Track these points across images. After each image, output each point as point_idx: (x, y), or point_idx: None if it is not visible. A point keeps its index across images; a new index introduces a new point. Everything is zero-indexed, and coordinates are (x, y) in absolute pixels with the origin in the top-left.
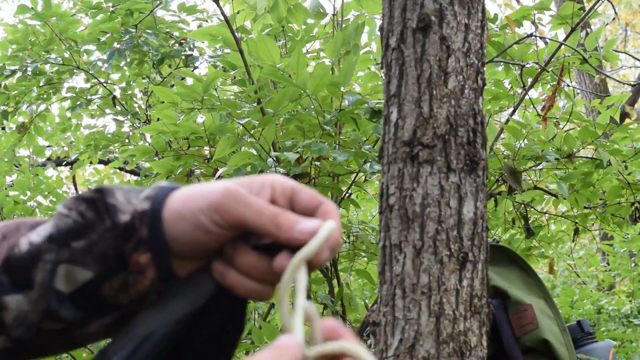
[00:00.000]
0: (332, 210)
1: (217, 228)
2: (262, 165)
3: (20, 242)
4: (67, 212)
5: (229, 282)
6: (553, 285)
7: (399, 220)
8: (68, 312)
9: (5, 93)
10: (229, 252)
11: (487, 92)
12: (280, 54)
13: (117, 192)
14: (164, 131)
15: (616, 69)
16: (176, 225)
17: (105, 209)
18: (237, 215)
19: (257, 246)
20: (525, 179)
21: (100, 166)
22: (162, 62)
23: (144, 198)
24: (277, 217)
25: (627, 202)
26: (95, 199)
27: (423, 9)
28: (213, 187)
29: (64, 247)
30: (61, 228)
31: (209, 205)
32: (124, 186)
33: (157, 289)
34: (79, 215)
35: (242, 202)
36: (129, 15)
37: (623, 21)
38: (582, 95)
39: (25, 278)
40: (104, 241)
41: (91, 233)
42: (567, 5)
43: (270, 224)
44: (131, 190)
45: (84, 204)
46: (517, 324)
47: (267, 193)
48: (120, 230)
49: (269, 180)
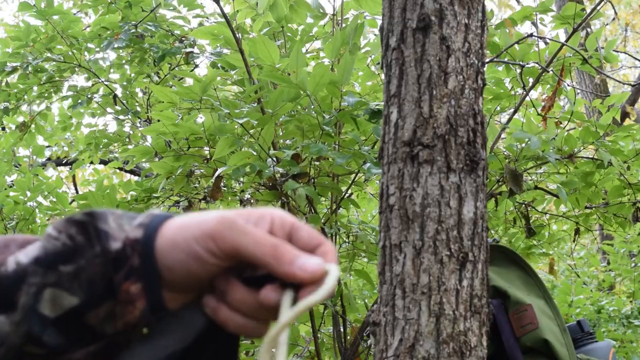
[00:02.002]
0: (331, 252)
1: (212, 257)
2: (261, 165)
3: (8, 260)
4: (56, 234)
5: (220, 318)
6: (553, 286)
7: (399, 220)
8: (51, 337)
9: (6, 90)
10: (221, 286)
11: (487, 91)
12: (279, 54)
13: (109, 217)
14: (163, 132)
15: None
16: (169, 254)
17: (96, 234)
18: (234, 244)
19: (247, 279)
20: (525, 179)
21: (100, 166)
22: (163, 59)
23: (137, 225)
24: (277, 249)
25: (629, 202)
26: (86, 222)
27: (423, 9)
28: (209, 216)
29: (50, 270)
30: (49, 251)
31: (204, 233)
32: (116, 211)
33: (146, 320)
34: (68, 239)
35: (240, 231)
36: (128, 8)
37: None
38: (582, 96)
39: (9, 299)
40: (92, 267)
41: (79, 258)
42: (570, 6)
43: (269, 255)
44: (124, 216)
45: (75, 227)
46: (517, 324)
47: (265, 225)
48: (111, 257)
49: (268, 213)
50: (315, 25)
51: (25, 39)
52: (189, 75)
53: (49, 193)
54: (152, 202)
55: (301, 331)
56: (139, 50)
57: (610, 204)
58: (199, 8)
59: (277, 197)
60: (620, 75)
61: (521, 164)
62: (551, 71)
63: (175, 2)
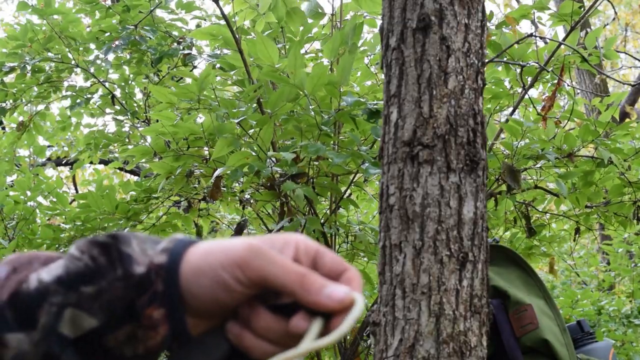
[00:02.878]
0: (356, 279)
1: (238, 285)
2: (260, 166)
3: (30, 278)
4: (79, 254)
5: (245, 345)
6: (553, 286)
7: (399, 220)
8: (70, 358)
9: (4, 90)
10: (245, 313)
11: (487, 91)
12: (279, 54)
13: (133, 241)
14: (163, 132)
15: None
16: (194, 281)
17: (119, 256)
18: (262, 273)
19: (274, 306)
20: (525, 178)
21: (101, 166)
22: (161, 61)
23: (161, 250)
24: (304, 278)
25: (629, 200)
26: (109, 244)
27: (423, 9)
28: (235, 243)
29: (72, 290)
30: (71, 271)
31: (231, 261)
32: (140, 235)
33: (168, 346)
34: (90, 260)
35: (267, 259)
36: (126, 12)
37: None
38: (582, 95)
39: (30, 317)
40: (113, 290)
41: (101, 279)
42: (567, 4)
43: (297, 284)
44: (147, 240)
45: (97, 248)
46: (517, 324)
47: (290, 252)
48: (135, 281)
49: (293, 239)
50: (315, 25)
51: (22, 38)
52: (187, 74)
53: (49, 193)
54: (152, 202)
55: None
56: (137, 51)
57: (611, 203)
58: (196, 10)
59: (276, 197)
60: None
61: (520, 163)
62: (551, 70)
63: (173, 4)
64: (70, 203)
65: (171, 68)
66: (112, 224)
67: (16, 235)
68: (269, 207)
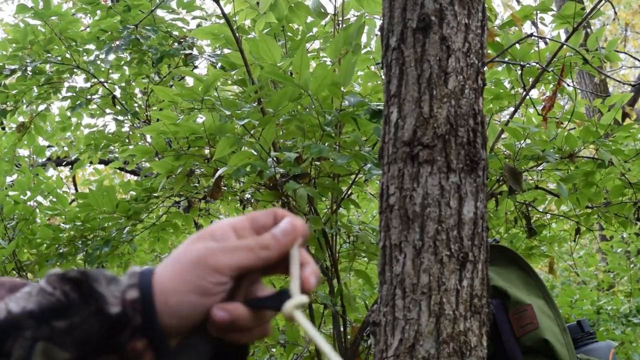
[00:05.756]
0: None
1: (216, 286)
2: (262, 166)
3: None
4: (51, 290)
5: (230, 338)
6: (552, 286)
7: (399, 220)
8: None
9: (5, 92)
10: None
11: (488, 91)
12: (281, 54)
13: (102, 280)
14: (164, 131)
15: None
16: (174, 302)
17: (90, 293)
18: (230, 264)
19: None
20: (526, 178)
21: (101, 166)
22: (162, 61)
23: (129, 286)
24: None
25: (630, 201)
26: (80, 280)
27: (423, 9)
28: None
29: (44, 324)
30: (43, 306)
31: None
32: (104, 272)
33: None
34: (62, 295)
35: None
36: (127, 12)
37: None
38: (582, 95)
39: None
40: (86, 325)
41: (73, 315)
42: (569, 6)
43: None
44: (112, 280)
45: (69, 284)
46: (517, 324)
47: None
48: (113, 321)
49: (225, 224)
50: (316, 25)
51: (23, 41)
52: (190, 74)
53: (48, 193)
54: (152, 202)
55: (301, 331)
56: (138, 52)
57: (612, 204)
58: (197, 9)
59: (278, 197)
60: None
61: (521, 163)
62: (552, 70)
63: (174, 4)
64: (70, 203)
65: (172, 68)
66: (112, 223)
67: (16, 235)
68: (269, 207)
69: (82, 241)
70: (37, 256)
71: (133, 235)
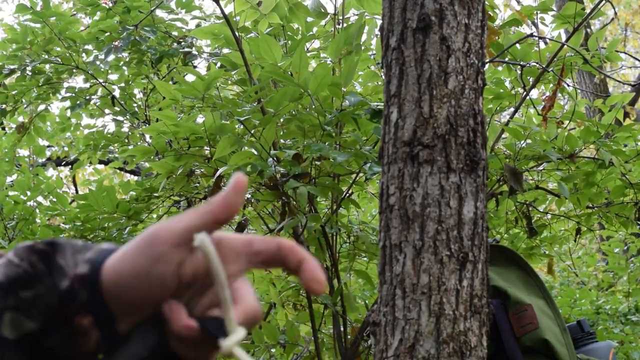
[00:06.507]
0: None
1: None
2: (262, 165)
3: None
4: (18, 261)
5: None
6: (551, 286)
7: (399, 220)
8: (12, 358)
9: (5, 92)
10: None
11: (488, 91)
12: (281, 53)
13: (67, 251)
14: (164, 131)
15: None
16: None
17: (54, 265)
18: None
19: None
20: (526, 178)
21: (101, 166)
22: (161, 61)
23: (85, 261)
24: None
25: (630, 201)
26: (48, 252)
27: (423, 9)
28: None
29: (10, 295)
30: (10, 276)
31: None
32: (76, 243)
33: (102, 348)
34: (29, 266)
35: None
36: (126, 13)
37: (623, 21)
38: (582, 95)
39: None
40: (50, 295)
41: (39, 285)
42: (570, 6)
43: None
44: (82, 250)
45: (36, 255)
46: (517, 324)
47: None
48: (62, 292)
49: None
50: (317, 24)
51: (22, 41)
52: (191, 71)
53: (49, 193)
54: (152, 202)
55: (301, 331)
56: (137, 52)
57: (613, 204)
58: (196, 9)
59: (278, 197)
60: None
61: (522, 163)
62: (552, 70)
63: (173, 4)
64: (70, 203)
65: (171, 69)
66: (112, 223)
67: (16, 236)
68: (269, 206)
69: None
70: None
71: (133, 235)
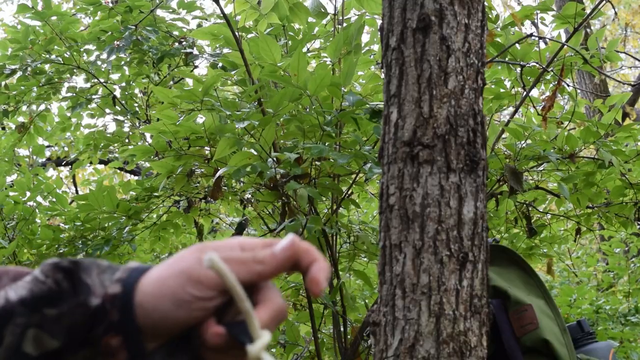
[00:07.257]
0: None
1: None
2: (262, 166)
3: None
4: (43, 278)
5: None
6: (551, 286)
7: (399, 220)
8: None
9: (5, 93)
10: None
11: (488, 91)
12: (281, 53)
13: (93, 270)
14: (164, 131)
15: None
16: (152, 306)
17: (79, 283)
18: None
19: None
20: (526, 178)
21: (101, 166)
22: (162, 61)
23: (116, 280)
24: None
25: (630, 202)
26: (72, 270)
27: (423, 9)
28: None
29: (35, 312)
30: (35, 293)
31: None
32: (101, 263)
33: None
34: (54, 283)
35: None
36: (128, 13)
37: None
38: (582, 95)
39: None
40: (73, 315)
41: (63, 304)
42: (570, 6)
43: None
44: (107, 270)
45: (61, 273)
46: (517, 324)
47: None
48: (91, 312)
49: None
50: (317, 25)
51: (23, 41)
52: (189, 75)
53: (48, 193)
54: (153, 202)
55: (301, 331)
56: (138, 52)
57: (613, 204)
58: (197, 9)
59: (278, 198)
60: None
61: (522, 163)
62: (551, 70)
63: (174, 4)
64: (70, 203)
65: (172, 68)
66: (112, 222)
67: (16, 236)
68: (270, 207)
69: (82, 241)
70: (37, 256)
71: (133, 235)
